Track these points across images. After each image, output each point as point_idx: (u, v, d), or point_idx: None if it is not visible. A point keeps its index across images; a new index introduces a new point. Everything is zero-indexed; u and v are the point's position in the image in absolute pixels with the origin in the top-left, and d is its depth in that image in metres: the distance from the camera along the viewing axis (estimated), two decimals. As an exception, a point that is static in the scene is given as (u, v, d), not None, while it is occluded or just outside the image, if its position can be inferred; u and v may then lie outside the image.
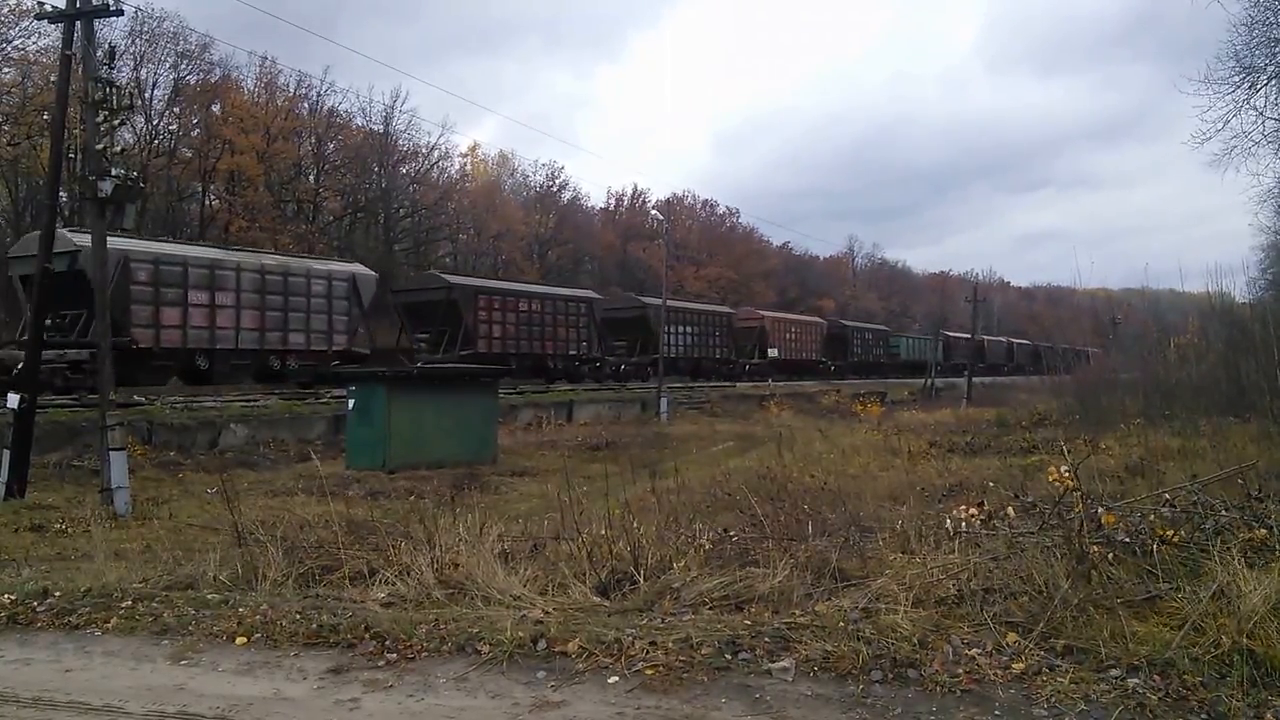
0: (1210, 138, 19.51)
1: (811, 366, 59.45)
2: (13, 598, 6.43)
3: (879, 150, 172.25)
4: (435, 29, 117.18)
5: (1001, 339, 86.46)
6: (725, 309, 54.95)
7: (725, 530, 7.23)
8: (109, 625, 5.90)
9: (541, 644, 5.05)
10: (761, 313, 59.59)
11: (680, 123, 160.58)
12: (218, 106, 49.76)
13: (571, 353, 41.87)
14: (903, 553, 6.02)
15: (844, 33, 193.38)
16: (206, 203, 51.33)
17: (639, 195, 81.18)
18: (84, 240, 20.15)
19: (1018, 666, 4.44)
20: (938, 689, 4.32)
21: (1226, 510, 6.18)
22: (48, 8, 15.01)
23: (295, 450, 21.01)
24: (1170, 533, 5.58)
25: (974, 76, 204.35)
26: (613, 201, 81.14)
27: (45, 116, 27.49)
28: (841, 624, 4.97)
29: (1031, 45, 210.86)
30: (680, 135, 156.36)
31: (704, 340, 50.27)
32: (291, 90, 54.40)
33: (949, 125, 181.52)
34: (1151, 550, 5.36)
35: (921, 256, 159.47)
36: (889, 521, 7.13)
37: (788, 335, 58.24)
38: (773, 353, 55.58)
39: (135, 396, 22.50)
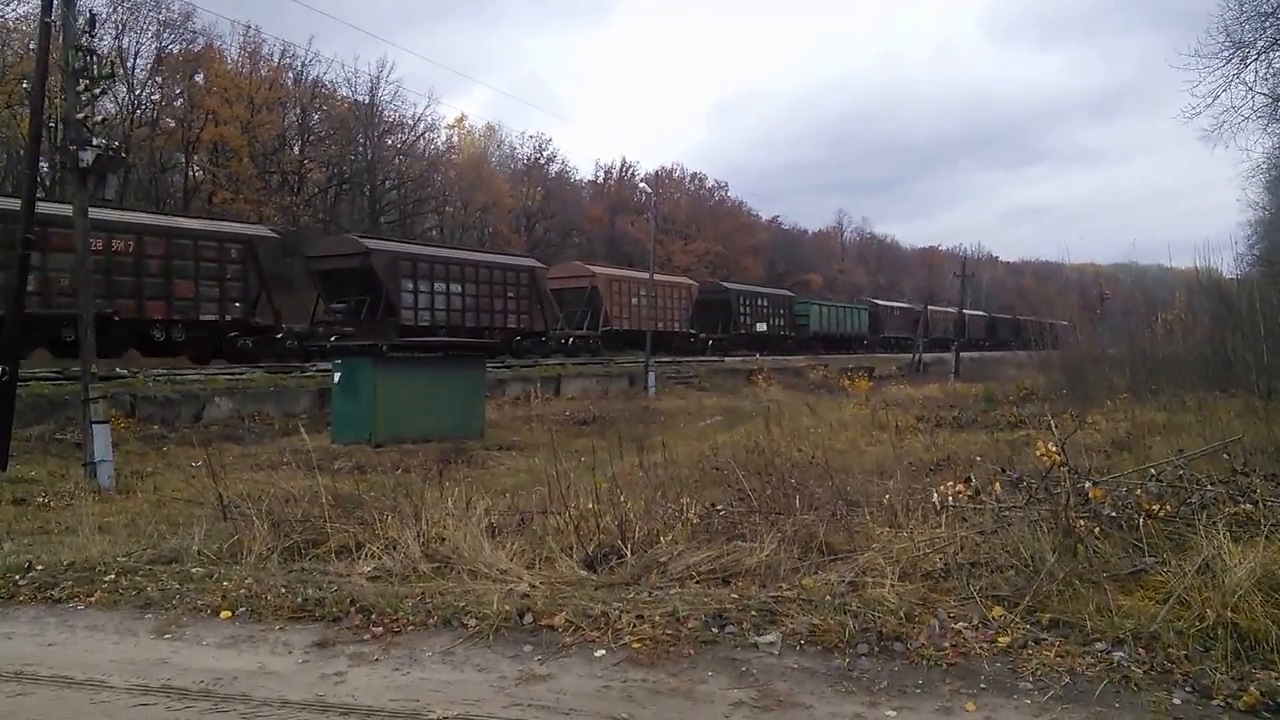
0: (1200, 112, 19.58)
1: (678, 340, 47.35)
2: (-6, 571, 6.39)
3: (873, 122, 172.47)
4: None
5: (950, 309, 74.75)
6: (528, 262, 41.32)
7: (712, 504, 7.22)
8: (92, 599, 5.87)
9: (528, 618, 5.05)
10: (593, 269, 46.53)
11: (672, 95, 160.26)
12: (201, 76, 49.19)
13: (208, 317, 27.11)
14: (889, 527, 6.02)
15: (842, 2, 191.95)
16: (190, 174, 50.83)
17: (627, 168, 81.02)
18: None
19: (1003, 640, 4.46)
20: (924, 662, 4.33)
21: (1212, 485, 6.21)
22: (25, -27, 14.73)
23: (280, 424, 20.91)
24: (1156, 507, 5.60)
25: (973, 48, 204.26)
26: (601, 174, 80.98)
27: (25, 85, 26.96)
28: (828, 597, 4.97)
29: (1032, 15, 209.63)
30: (672, 107, 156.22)
31: (489, 304, 36.52)
32: (276, 60, 53.89)
33: (945, 98, 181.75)
34: (1137, 525, 5.38)
35: (913, 230, 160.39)
36: (876, 496, 7.13)
37: (634, 300, 44.69)
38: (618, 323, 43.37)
39: (118, 369, 22.31)
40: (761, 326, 55.33)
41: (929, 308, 70.96)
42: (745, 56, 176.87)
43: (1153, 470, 6.62)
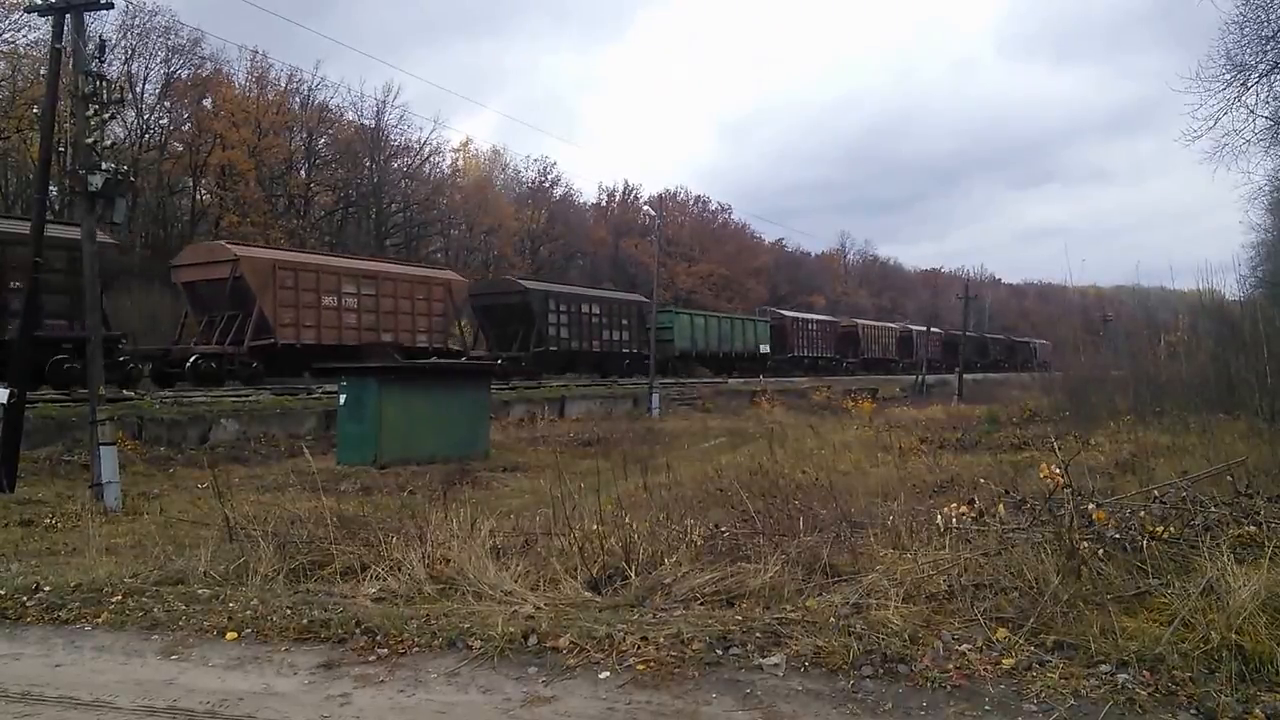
0: (1201, 135, 19.59)
1: (441, 359, 30.94)
2: (2, 592, 6.42)
3: (885, 141, 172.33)
4: (434, 11, 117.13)
5: (893, 325, 67.63)
6: (77, 233, 16.58)
7: (717, 526, 7.23)
8: (99, 620, 5.89)
9: (533, 639, 5.06)
10: (236, 249, 28.56)
11: (681, 115, 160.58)
12: (209, 100, 49.55)
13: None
14: (894, 548, 6.03)
15: (855, 19, 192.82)
16: (197, 197, 51.08)
17: (630, 191, 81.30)
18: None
19: (1008, 662, 4.46)
20: (928, 684, 4.33)
21: (1216, 507, 6.21)
22: (38, 1, 14.89)
23: (286, 445, 20.95)
24: (1160, 529, 5.60)
25: (989, 66, 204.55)
26: (604, 197, 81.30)
27: (35, 110, 27.20)
28: (832, 619, 4.98)
29: (1047, 33, 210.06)
30: (680, 128, 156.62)
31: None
32: (283, 85, 54.28)
33: (960, 116, 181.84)
34: (1141, 547, 5.38)
35: (922, 252, 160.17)
36: (880, 517, 7.14)
37: (330, 300, 29.07)
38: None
39: (125, 391, 22.39)
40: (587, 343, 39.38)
41: (861, 323, 65.30)
42: (756, 76, 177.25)
43: (1156, 492, 6.62)
